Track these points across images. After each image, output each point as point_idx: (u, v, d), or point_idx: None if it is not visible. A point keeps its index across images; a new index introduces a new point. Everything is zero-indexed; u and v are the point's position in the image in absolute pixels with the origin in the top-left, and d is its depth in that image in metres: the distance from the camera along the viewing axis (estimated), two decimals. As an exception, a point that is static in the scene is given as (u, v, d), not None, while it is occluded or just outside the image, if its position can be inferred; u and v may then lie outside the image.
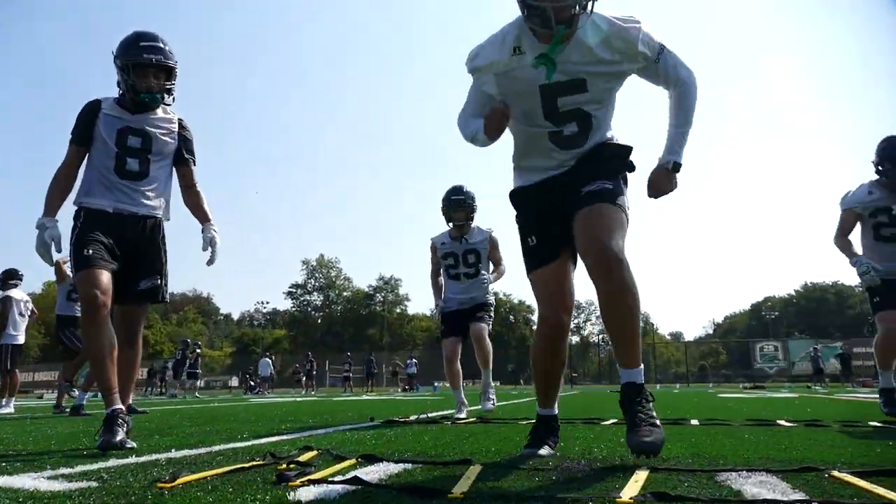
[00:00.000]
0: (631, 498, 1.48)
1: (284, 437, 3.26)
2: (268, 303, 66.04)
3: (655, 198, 2.28)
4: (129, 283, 2.97)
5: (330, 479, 1.74)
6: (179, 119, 3.16)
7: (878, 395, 4.31)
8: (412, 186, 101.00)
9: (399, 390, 27.13)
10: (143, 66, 2.93)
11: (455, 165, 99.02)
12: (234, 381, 40.87)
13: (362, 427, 3.96)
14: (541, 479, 1.82)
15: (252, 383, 27.96)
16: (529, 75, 2.11)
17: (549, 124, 2.20)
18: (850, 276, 78.42)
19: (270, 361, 27.19)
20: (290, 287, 71.84)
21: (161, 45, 2.98)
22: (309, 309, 72.30)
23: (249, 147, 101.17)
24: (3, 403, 7.36)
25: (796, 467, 1.95)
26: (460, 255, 5.04)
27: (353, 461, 2.11)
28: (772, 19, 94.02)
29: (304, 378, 27.84)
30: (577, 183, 2.19)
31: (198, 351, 21.06)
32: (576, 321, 74.11)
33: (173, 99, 3.10)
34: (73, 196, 3.00)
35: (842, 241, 4.34)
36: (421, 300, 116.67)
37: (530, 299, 73.60)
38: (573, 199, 2.18)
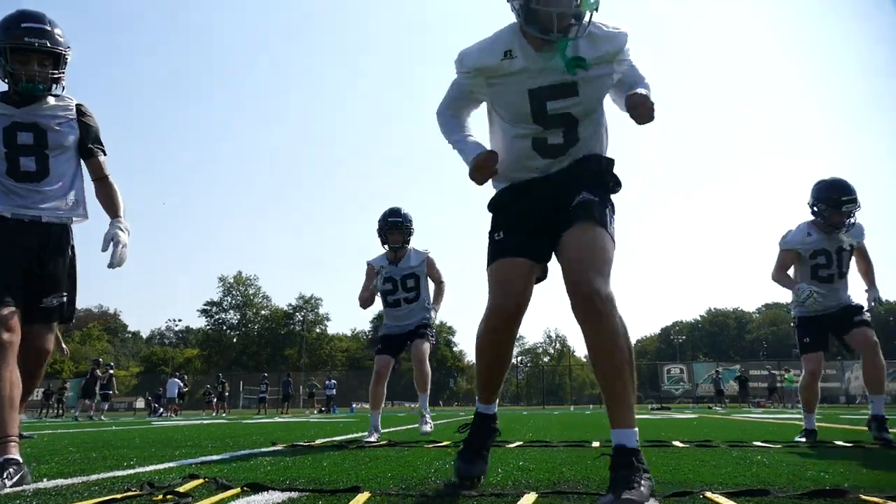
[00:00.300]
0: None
1: (174, 465, 3.10)
2: (180, 320, 63.21)
3: (643, 120, 2.12)
4: (31, 300, 2.60)
5: (205, 510, 1.67)
6: (78, 105, 2.77)
7: (801, 435, 4.48)
8: (335, 204, 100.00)
9: (315, 412, 26.50)
10: (25, 51, 2.57)
11: (379, 184, 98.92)
12: (141, 403, 38.78)
13: (262, 452, 3.83)
14: (427, 505, 1.81)
15: (156, 405, 26.59)
16: (519, 80, 2.11)
17: (538, 127, 2.16)
18: (749, 304, 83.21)
19: (179, 382, 25.95)
20: (204, 304, 69.15)
21: (48, 28, 2.62)
22: (224, 327, 69.71)
23: (167, 155, 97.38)
24: None
25: (676, 490, 2.03)
26: (399, 279, 4.92)
27: (236, 490, 2.03)
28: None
29: (214, 400, 26.77)
30: (565, 195, 2.15)
31: (110, 372, 20.05)
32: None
33: (62, 88, 2.73)
34: None
35: (780, 275, 4.53)
36: (342, 320, 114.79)
37: (451, 321, 73.98)
38: (561, 213, 2.14)
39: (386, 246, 4.98)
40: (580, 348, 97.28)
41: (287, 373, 32.57)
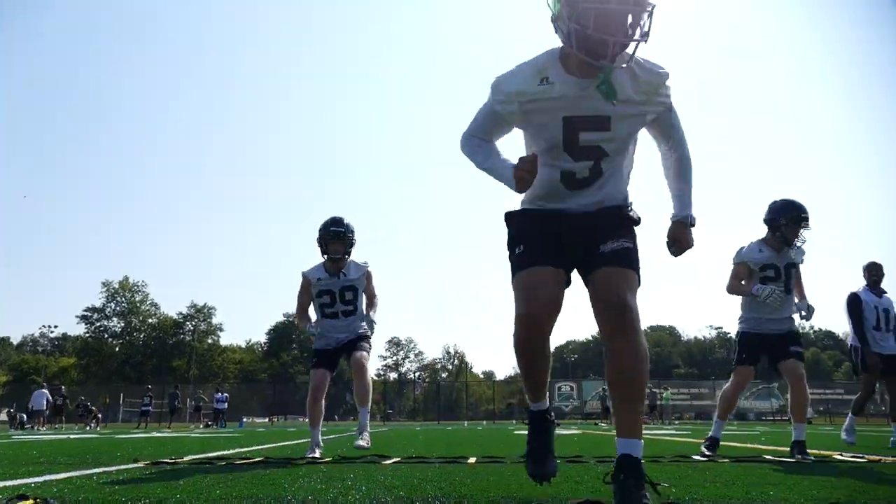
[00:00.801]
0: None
1: (11, 483, 2.83)
2: (56, 327, 58.40)
3: (678, 255, 2.37)
4: None
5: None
6: None
7: (705, 444, 4.82)
8: (233, 209, 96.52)
9: (201, 426, 25.26)
10: None
11: (281, 190, 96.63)
12: (5, 415, 35.45)
13: (118, 470, 3.57)
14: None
15: (22, 416, 24.45)
16: (554, 106, 2.12)
17: (567, 157, 2.18)
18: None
19: (47, 392, 23.96)
20: (84, 310, 64.43)
21: None
22: (106, 335, 65.22)
23: (48, 145, 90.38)
24: None
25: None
26: (337, 291, 4.74)
27: (65, 512, 1.88)
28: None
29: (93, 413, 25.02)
30: (595, 237, 2.19)
31: None
32: (394, 358, 74.77)
33: None
34: None
35: (734, 284, 4.81)
36: (235, 331, 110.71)
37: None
38: (590, 254, 2.19)
39: (325, 256, 4.79)
40: (478, 364, 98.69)
41: (175, 385, 30.94)
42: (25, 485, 2.81)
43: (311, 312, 4.94)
